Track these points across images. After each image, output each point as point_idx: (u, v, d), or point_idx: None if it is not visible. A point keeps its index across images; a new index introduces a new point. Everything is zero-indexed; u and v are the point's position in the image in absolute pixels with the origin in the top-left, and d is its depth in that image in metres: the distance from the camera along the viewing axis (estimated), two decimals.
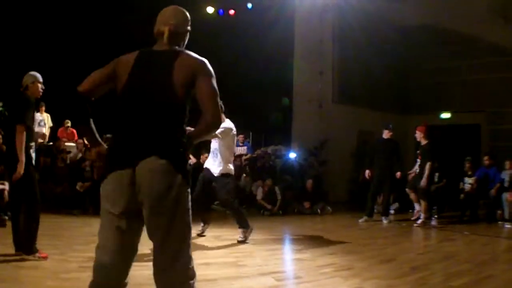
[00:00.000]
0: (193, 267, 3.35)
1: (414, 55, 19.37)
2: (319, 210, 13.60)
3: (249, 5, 17.53)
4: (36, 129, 10.18)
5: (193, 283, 3.33)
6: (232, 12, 17.67)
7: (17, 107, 6.08)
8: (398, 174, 12.11)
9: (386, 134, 12.38)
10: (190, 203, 3.24)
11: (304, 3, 17.23)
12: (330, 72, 17.79)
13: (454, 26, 17.16)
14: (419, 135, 11.89)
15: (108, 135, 14.31)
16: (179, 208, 3.13)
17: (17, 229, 6.03)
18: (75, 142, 13.69)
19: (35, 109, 6.32)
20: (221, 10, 17.75)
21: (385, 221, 11.99)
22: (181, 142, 3.18)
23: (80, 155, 12.61)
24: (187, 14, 3.69)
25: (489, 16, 16.33)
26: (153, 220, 3.14)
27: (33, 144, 6.16)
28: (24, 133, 5.84)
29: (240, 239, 8.41)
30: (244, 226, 8.49)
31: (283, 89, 17.97)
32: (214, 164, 8.55)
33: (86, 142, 13.58)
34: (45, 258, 5.96)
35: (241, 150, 15.23)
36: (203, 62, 3.38)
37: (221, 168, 8.45)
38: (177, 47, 3.50)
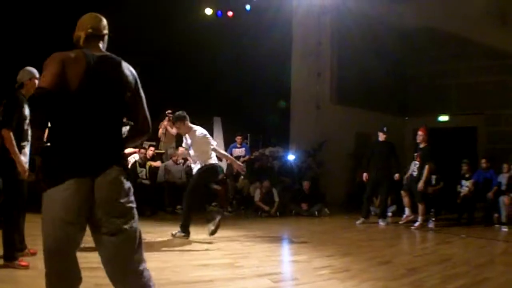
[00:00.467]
0: (145, 268, 3.55)
1: (412, 58, 19.43)
2: (316, 212, 13.61)
3: (248, 7, 17.54)
4: None
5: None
6: (230, 13, 17.67)
7: (5, 108, 5.83)
8: (397, 175, 12.13)
9: (381, 137, 12.43)
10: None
11: (302, 5, 17.26)
12: (328, 74, 17.83)
13: (452, 29, 17.18)
14: (421, 137, 11.86)
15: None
16: (132, 211, 3.38)
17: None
18: None
19: (25, 107, 6.00)
20: (219, 12, 17.76)
21: (382, 223, 12.01)
22: (123, 145, 3.48)
23: None
24: (103, 19, 3.75)
25: (486, 19, 16.35)
26: (109, 227, 3.27)
27: (25, 143, 5.85)
28: (11, 134, 5.62)
29: (173, 233, 8.69)
30: (184, 225, 8.68)
31: (281, 90, 17.98)
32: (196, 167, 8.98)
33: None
34: (25, 266, 5.62)
35: (239, 151, 15.23)
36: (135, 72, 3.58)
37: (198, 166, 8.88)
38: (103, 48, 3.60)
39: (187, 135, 8.94)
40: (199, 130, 8.82)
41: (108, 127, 3.34)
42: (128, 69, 3.52)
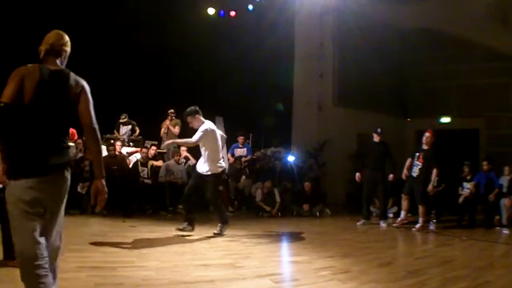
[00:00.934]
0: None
1: (414, 59, 19.40)
2: (317, 213, 13.61)
3: (250, 7, 17.55)
4: None
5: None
6: (233, 13, 17.69)
7: None
8: (391, 176, 12.12)
9: (375, 138, 12.43)
10: None
11: (304, 6, 17.27)
12: (330, 75, 17.84)
13: (453, 31, 17.18)
14: (429, 139, 11.81)
15: (108, 135, 14.34)
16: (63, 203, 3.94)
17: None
18: (75, 142, 13.66)
19: None
20: (222, 12, 17.77)
21: (383, 225, 12.01)
22: (68, 148, 3.93)
23: (80, 155, 12.59)
24: (65, 36, 4.12)
25: (488, 21, 16.35)
26: (52, 219, 3.84)
27: None
28: None
29: (216, 231, 8.99)
30: (223, 222, 9.10)
31: (282, 91, 17.99)
32: (200, 163, 9.12)
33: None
34: None
35: (241, 151, 15.25)
36: (84, 82, 3.97)
37: (207, 168, 8.94)
38: (58, 62, 4.00)
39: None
40: (206, 125, 8.93)
41: (54, 135, 3.80)
42: (75, 80, 3.90)
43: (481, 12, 16.30)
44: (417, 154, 11.84)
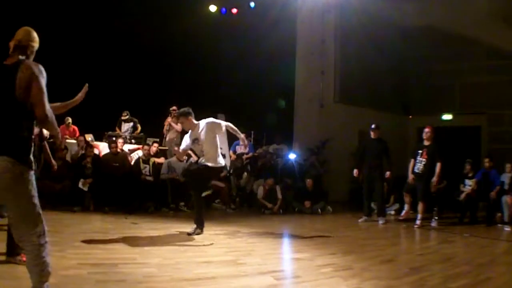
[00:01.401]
0: (45, 242, 4.15)
1: (415, 56, 19.39)
2: (319, 210, 13.62)
3: (252, 4, 17.55)
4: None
5: (45, 258, 4.10)
6: (234, 10, 17.69)
7: None
8: (388, 173, 12.10)
9: (372, 134, 12.43)
10: (33, 187, 4.04)
11: (306, 3, 17.26)
12: (332, 72, 17.83)
13: (456, 28, 17.17)
14: (428, 134, 11.80)
15: (110, 132, 14.37)
16: (22, 191, 3.97)
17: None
18: (76, 139, 13.68)
19: None
20: (223, 9, 17.78)
21: (381, 222, 11.99)
22: (21, 136, 3.99)
23: (81, 152, 12.61)
24: (32, 32, 4.37)
25: (490, 18, 16.34)
26: (7, 205, 4.10)
27: None
28: None
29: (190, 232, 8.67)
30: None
31: (284, 88, 17.98)
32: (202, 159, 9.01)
33: (87, 139, 13.59)
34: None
35: (243, 149, 15.25)
36: (35, 67, 4.04)
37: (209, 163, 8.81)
38: (22, 57, 4.14)
39: (188, 136, 8.91)
40: (202, 122, 8.80)
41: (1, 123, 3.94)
42: (25, 70, 3.97)
43: (484, 9, 16.29)
44: (420, 151, 11.81)
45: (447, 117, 19.20)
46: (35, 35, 4.37)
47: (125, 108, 15.39)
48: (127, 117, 15.35)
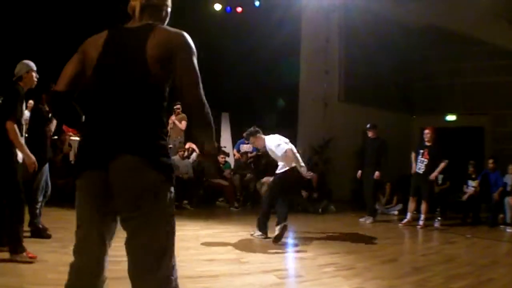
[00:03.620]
0: (175, 278, 2.95)
1: (420, 56, 19.36)
2: (320, 209, 13.58)
3: (257, 3, 17.52)
4: None
5: None
6: (239, 9, 17.66)
7: (7, 100, 5.84)
8: (377, 174, 12.05)
9: (369, 134, 12.51)
10: (172, 205, 3.00)
11: (311, 2, 17.24)
12: (336, 71, 17.83)
13: (460, 28, 17.12)
14: (429, 135, 11.81)
15: None
16: (156, 209, 2.82)
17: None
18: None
19: (23, 101, 6.03)
20: (228, 8, 17.75)
21: (367, 221, 11.98)
22: (157, 132, 2.81)
23: None
24: None
25: (494, 18, 16.31)
26: (130, 223, 2.82)
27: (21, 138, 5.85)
28: (15, 126, 5.61)
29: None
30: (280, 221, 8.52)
31: (288, 87, 17.96)
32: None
33: None
34: (33, 258, 5.56)
35: (247, 147, 15.27)
36: (182, 35, 2.98)
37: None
38: (152, 22, 3.00)
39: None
40: (268, 142, 8.98)
41: (122, 112, 2.74)
42: (165, 35, 2.89)
43: (488, 10, 16.25)
44: (421, 151, 11.84)
45: (451, 117, 19.19)
46: None
47: None
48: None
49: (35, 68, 6.20)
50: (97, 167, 2.74)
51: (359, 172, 12.48)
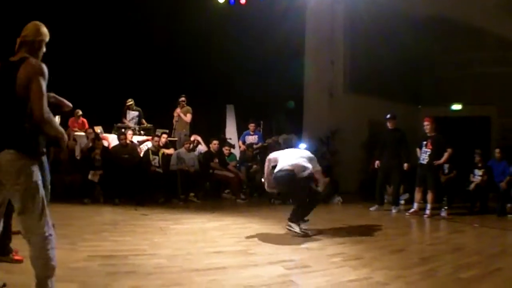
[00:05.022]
0: (50, 234, 4.12)
1: (425, 47, 19.27)
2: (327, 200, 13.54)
3: None
4: None
5: (49, 251, 4.07)
6: (243, 1, 17.58)
7: None
8: (406, 165, 12.11)
9: (389, 125, 12.51)
10: (38, 178, 4.11)
11: None
12: (341, 62, 17.78)
13: (465, 18, 17.05)
14: (429, 126, 11.83)
15: (119, 124, 14.37)
16: (27, 183, 4.00)
17: None
18: (85, 131, 13.68)
19: None
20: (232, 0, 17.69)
21: (394, 211, 12.06)
22: (25, 131, 4.03)
23: (90, 144, 12.63)
24: (39, 27, 4.40)
25: (499, 9, 16.24)
26: (12, 196, 4.06)
27: None
28: None
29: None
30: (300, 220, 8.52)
31: (293, 78, 17.91)
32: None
33: (97, 131, 13.62)
34: (19, 261, 5.40)
35: (252, 139, 15.26)
36: (38, 66, 4.07)
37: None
38: (27, 55, 4.16)
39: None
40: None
41: (5, 119, 4.03)
42: (26, 68, 4.01)
43: (494, 0, 16.18)
44: (424, 142, 11.85)
45: (456, 107, 19.13)
46: (43, 30, 4.39)
47: (134, 99, 15.33)
48: (131, 103, 15.20)
49: None
50: None
51: (377, 162, 12.46)
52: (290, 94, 18.30)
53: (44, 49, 4.44)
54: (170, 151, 13.52)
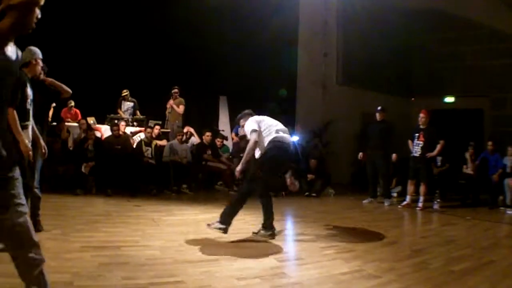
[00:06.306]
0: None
1: (418, 39, 19.26)
2: (314, 194, 13.52)
3: None
4: None
5: None
6: None
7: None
8: (394, 156, 12.19)
9: (377, 116, 12.59)
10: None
11: None
12: (334, 54, 17.78)
13: (459, 11, 17.06)
14: (424, 119, 11.86)
15: (112, 115, 14.32)
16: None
17: None
18: (78, 122, 13.64)
19: (28, 86, 5.89)
20: None
21: (386, 203, 12.06)
22: None
23: (83, 135, 12.59)
24: None
25: (493, 2, 16.25)
26: None
27: (27, 123, 5.79)
28: (14, 112, 5.55)
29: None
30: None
31: (286, 70, 17.90)
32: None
33: (90, 122, 13.58)
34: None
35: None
36: None
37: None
38: None
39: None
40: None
41: None
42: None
43: None
44: (416, 134, 11.88)
45: (449, 99, 19.17)
46: None
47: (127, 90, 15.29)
48: (126, 93, 15.15)
49: (41, 56, 6.09)
50: None
51: (361, 154, 12.53)
52: (283, 86, 18.27)
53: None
54: (163, 142, 13.49)
